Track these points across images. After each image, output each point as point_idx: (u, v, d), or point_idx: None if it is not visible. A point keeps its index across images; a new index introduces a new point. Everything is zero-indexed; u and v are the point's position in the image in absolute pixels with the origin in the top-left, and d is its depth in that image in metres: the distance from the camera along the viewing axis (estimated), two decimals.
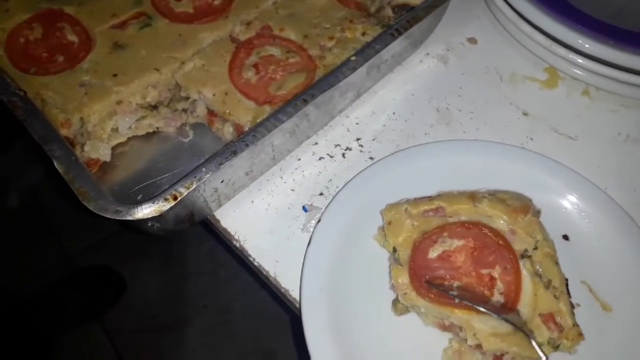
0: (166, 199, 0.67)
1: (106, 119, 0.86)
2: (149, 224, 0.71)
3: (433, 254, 0.71)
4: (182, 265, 2.01)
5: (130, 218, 0.66)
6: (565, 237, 0.78)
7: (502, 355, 0.66)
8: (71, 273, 1.97)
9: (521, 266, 0.69)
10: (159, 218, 0.68)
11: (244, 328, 1.87)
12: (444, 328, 0.70)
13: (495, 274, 0.68)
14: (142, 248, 1.98)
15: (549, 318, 0.65)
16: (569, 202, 0.80)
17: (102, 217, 0.67)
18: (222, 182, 0.76)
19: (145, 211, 0.66)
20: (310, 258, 0.73)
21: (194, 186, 0.69)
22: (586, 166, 0.88)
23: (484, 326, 0.65)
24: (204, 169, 0.70)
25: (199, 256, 2.02)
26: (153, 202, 0.67)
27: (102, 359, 1.84)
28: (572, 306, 0.67)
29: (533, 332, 0.65)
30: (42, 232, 2.05)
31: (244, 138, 0.74)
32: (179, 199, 0.67)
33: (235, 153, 0.72)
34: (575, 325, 0.65)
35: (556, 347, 0.65)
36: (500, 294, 0.68)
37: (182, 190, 0.68)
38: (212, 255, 1.99)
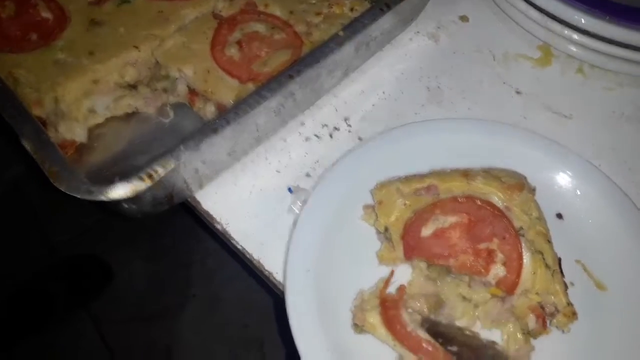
0: (141, 178, 0.63)
1: (82, 99, 0.82)
2: (125, 206, 0.67)
3: (426, 232, 0.68)
4: (169, 255, 1.98)
5: (103, 198, 0.62)
6: (559, 216, 0.75)
7: None
8: (57, 263, 1.93)
9: (521, 240, 0.66)
10: (135, 199, 0.65)
11: (233, 316, 1.85)
12: None
13: (494, 246, 0.66)
14: (128, 238, 1.94)
15: (537, 310, 0.63)
16: (563, 180, 0.77)
17: (85, 207, 0.64)
18: (203, 162, 0.73)
19: (119, 191, 0.63)
20: (297, 239, 0.70)
21: (172, 165, 0.65)
22: (580, 144, 0.86)
23: None
24: (182, 147, 0.67)
25: (186, 245, 1.99)
26: (127, 182, 0.63)
27: (91, 349, 1.80)
28: (565, 286, 0.65)
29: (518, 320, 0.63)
30: (27, 224, 2.00)
31: (226, 116, 0.71)
32: (154, 178, 0.64)
33: (215, 131, 0.69)
34: (570, 304, 0.63)
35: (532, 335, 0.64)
36: (502, 264, 0.65)
37: (158, 168, 0.64)
38: (200, 244, 1.95)
